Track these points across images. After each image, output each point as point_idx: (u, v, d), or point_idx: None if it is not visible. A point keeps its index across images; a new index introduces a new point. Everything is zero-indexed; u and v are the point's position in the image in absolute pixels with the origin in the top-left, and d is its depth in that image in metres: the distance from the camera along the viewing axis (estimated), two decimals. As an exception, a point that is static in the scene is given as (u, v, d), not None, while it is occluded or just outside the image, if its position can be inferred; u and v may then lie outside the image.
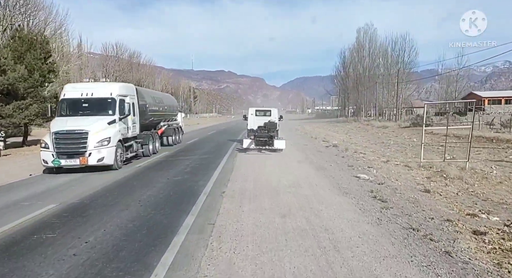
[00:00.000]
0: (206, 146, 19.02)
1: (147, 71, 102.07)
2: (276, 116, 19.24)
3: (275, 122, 18.26)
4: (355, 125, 40.71)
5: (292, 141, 21.44)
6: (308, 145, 19.77)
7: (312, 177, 10.26)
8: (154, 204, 7.07)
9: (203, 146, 19.04)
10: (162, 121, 17.66)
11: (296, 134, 29.19)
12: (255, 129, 17.29)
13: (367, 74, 58.19)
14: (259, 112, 19.87)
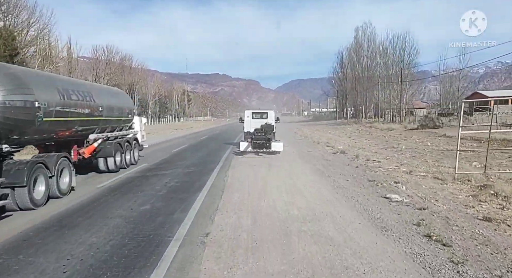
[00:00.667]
0: (195, 156, 16.27)
1: (139, 74, 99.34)
2: (273, 118, 18.38)
3: (272, 124, 17.58)
4: (356, 128, 38.21)
5: (294, 148, 18.82)
6: (313, 152, 17.13)
7: (329, 201, 7.62)
8: (88, 271, 4.20)
9: (191, 156, 16.28)
10: (95, 132, 10.69)
11: (296, 138, 26.58)
12: (252, 131, 16.78)
13: (366, 75, 55.85)
14: (256, 114, 18.95)
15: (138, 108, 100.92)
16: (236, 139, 23.51)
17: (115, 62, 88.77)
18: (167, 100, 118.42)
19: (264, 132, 16.37)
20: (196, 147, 20.54)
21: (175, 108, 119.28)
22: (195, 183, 9.23)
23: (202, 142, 23.72)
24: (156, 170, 11.88)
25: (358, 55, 57.79)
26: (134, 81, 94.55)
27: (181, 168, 12.08)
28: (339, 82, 65.93)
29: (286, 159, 14.17)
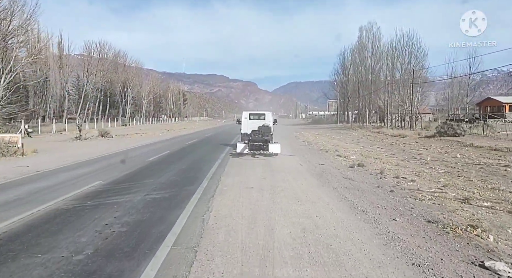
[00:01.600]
0: (173, 169, 12.45)
1: (133, 72, 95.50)
2: (271, 120, 17.92)
3: (270, 126, 17.14)
4: (362, 133, 34.70)
5: (300, 158, 15.17)
6: (325, 164, 13.50)
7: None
8: None
9: (168, 169, 12.47)
10: None
11: (299, 145, 22.98)
12: (249, 133, 16.46)
13: (369, 77, 52.47)
14: (253, 115, 18.30)
15: (132, 107, 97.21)
16: (227, 147, 19.85)
17: (107, 58, 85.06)
18: (162, 100, 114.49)
19: (261, 133, 15.92)
20: (179, 155, 16.76)
21: (170, 107, 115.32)
22: (153, 228, 5.50)
23: (189, 148, 20.05)
24: (106, 194, 8.01)
25: (361, 56, 54.34)
26: (128, 78, 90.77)
27: (145, 191, 8.28)
28: (341, 84, 62.51)
29: (294, 176, 10.54)
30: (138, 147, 19.97)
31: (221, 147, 19.59)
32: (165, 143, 22.51)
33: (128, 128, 54.66)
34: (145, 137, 32.51)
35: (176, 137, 30.69)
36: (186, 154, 17.12)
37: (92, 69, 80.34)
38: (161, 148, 19.35)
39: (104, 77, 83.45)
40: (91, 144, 23.02)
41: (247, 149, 15.34)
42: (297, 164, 13.06)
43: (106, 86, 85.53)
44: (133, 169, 11.73)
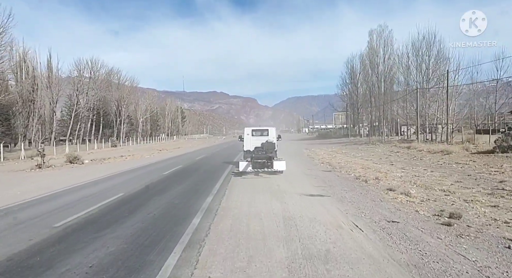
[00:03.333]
0: (137, 216, 6.29)
1: (128, 90, 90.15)
2: (274, 136, 16.63)
3: (273, 142, 15.71)
4: (388, 149, 28.47)
5: (340, 201, 8.75)
6: (399, 220, 7.23)
7: None
8: None
9: (133, 216, 6.37)
10: None
11: (318, 169, 16.79)
12: (252, 150, 15.32)
13: (382, 85, 46.64)
14: (256, 132, 17.08)
15: (127, 126, 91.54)
16: (227, 169, 13.71)
17: (98, 77, 79.83)
18: (160, 118, 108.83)
19: (265, 150, 14.93)
20: (157, 188, 10.62)
21: (168, 125, 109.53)
22: None
23: (173, 178, 13.85)
24: None
25: (372, 62, 48.65)
26: (122, 97, 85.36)
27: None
28: (349, 94, 56.62)
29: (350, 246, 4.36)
30: (101, 180, 13.84)
31: (217, 173, 13.55)
32: (136, 174, 16.34)
33: (117, 149, 48.58)
34: (128, 161, 26.47)
35: (163, 160, 24.61)
36: (169, 186, 10.91)
37: (83, 88, 75.11)
38: (132, 181, 13.18)
39: (97, 95, 78.17)
40: (43, 176, 16.95)
41: (250, 167, 14.21)
42: (352, 229, 6.77)
43: (99, 105, 79.96)
44: (76, 221, 5.53)
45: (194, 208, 7.90)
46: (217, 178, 13.51)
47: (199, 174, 14.92)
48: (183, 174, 15.27)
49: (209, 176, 14.31)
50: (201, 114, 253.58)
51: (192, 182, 12.50)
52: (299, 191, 10.21)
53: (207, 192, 10.17)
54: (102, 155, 35.72)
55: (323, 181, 12.43)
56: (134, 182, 12.68)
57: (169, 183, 12.31)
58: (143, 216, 7.45)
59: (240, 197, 9.37)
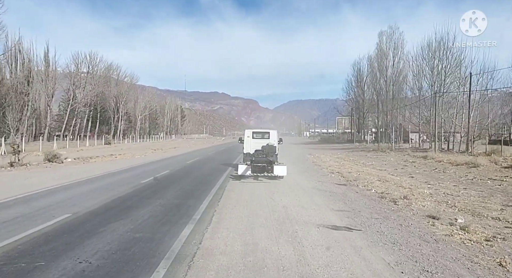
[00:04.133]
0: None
1: (127, 86, 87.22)
2: (276, 139, 15.68)
3: (274, 145, 15.02)
4: (401, 158, 25.59)
5: (377, 243, 5.88)
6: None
7: None
8: None
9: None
10: None
11: (329, 181, 13.92)
12: (252, 153, 14.59)
13: (391, 89, 43.84)
14: (257, 134, 15.96)
15: (126, 124, 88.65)
16: (210, 194, 10.81)
17: (97, 72, 76.98)
18: (159, 116, 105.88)
19: (265, 153, 14.03)
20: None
21: (167, 124, 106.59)
22: None
23: (130, 201, 11.01)
24: None
25: (381, 65, 45.85)
26: (120, 93, 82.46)
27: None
28: (355, 98, 53.82)
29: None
30: (60, 188, 10.94)
31: (202, 191, 10.63)
32: (119, 177, 13.50)
33: (109, 147, 45.71)
34: (114, 161, 23.70)
35: (151, 162, 21.78)
36: (149, 195, 8.04)
37: (80, 82, 72.28)
38: (96, 192, 10.27)
39: (94, 91, 75.33)
40: (10, 176, 14.11)
41: (250, 171, 13.44)
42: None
43: (97, 101, 77.00)
44: None
45: (157, 255, 5.00)
46: (206, 192, 10.63)
47: (184, 186, 12.03)
48: (166, 184, 12.39)
49: (197, 188, 11.44)
50: (201, 114, 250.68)
51: (171, 198, 9.61)
52: (315, 218, 7.34)
53: (187, 217, 7.27)
54: (91, 153, 32.90)
55: (343, 201, 9.56)
56: (97, 195, 9.78)
57: (140, 199, 9.39)
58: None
59: (233, 228, 6.49)
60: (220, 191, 10.80)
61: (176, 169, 17.22)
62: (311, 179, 14.19)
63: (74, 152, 34.78)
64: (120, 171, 16.39)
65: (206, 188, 11.24)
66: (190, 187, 11.55)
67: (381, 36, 46.09)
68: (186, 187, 11.53)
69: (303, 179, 14.00)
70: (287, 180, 13.43)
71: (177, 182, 12.79)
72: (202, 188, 11.24)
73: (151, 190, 10.80)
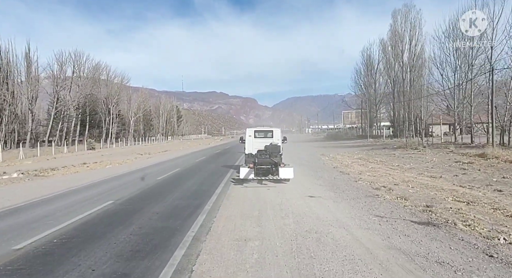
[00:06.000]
0: None
1: (117, 87, 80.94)
2: (279, 138, 14.01)
3: (278, 145, 13.55)
4: (444, 157, 19.50)
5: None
6: None
7: None
8: None
9: None
10: None
11: (367, 199, 7.96)
12: (255, 154, 13.11)
13: (408, 76, 37.77)
14: (259, 133, 14.29)
15: (119, 126, 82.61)
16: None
17: (83, 72, 70.82)
18: (154, 117, 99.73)
19: (269, 154, 12.55)
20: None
21: (162, 125, 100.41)
22: None
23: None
24: None
25: (396, 49, 39.70)
26: (110, 94, 76.27)
27: None
28: (365, 89, 47.70)
29: None
30: None
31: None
32: (40, 212, 7.55)
33: (91, 154, 39.69)
34: (76, 175, 17.89)
35: (124, 174, 15.81)
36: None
37: (65, 83, 66.09)
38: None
39: (82, 92, 69.19)
40: None
41: (253, 174, 11.81)
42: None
43: (86, 103, 70.82)
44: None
45: None
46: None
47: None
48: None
49: (161, 231, 5.42)
50: (199, 114, 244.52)
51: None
52: None
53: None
54: (63, 161, 27.01)
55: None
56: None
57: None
58: None
59: None
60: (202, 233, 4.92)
61: (147, 187, 11.24)
62: (356, 210, 8.12)
63: (43, 162, 28.85)
64: (49, 199, 10.33)
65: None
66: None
67: (395, 16, 39.86)
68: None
69: (344, 212, 7.94)
70: (315, 218, 7.42)
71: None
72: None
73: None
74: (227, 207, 8.32)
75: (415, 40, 37.78)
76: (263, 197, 9.63)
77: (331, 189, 10.86)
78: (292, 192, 10.29)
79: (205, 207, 8.31)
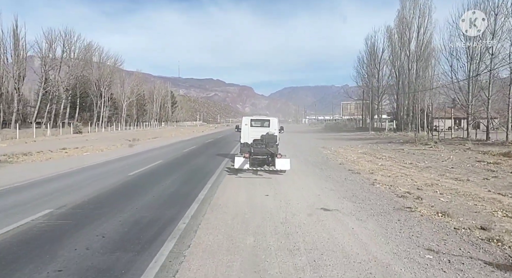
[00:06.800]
0: None
1: (110, 69, 77.36)
2: (276, 128, 13.43)
3: (275, 134, 12.93)
4: (463, 155, 17.21)
5: None
6: None
7: None
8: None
9: None
10: None
11: (402, 216, 5.50)
12: (250, 143, 12.60)
13: (414, 66, 35.25)
14: (256, 122, 13.62)
15: (111, 110, 79.42)
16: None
17: (74, 51, 67.17)
18: (148, 102, 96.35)
19: (265, 144, 12.12)
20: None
21: (156, 111, 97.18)
22: None
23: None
24: None
25: (403, 38, 36.99)
26: (102, 76, 72.80)
27: None
28: (368, 79, 45.10)
29: None
30: None
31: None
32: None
33: (76, 137, 37.01)
34: (46, 162, 15.39)
35: (97, 165, 13.28)
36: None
37: (55, 63, 62.45)
38: None
39: (72, 73, 65.75)
40: None
41: (248, 164, 11.27)
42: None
43: (76, 84, 67.44)
44: None
45: None
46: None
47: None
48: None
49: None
50: (195, 101, 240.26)
51: None
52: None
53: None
54: (40, 146, 24.45)
55: None
56: None
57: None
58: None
59: None
60: None
61: (87, 198, 8.71)
62: (394, 236, 5.69)
63: (20, 145, 26.18)
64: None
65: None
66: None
67: (403, 1, 36.96)
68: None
69: (379, 241, 5.49)
70: (340, 254, 4.98)
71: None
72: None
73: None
74: (209, 225, 5.85)
75: (423, 27, 35.17)
76: (261, 208, 7.15)
77: (347, 197, 8.44)
78: (298, 201, 7.83)
79: (178, 224, 5.83)
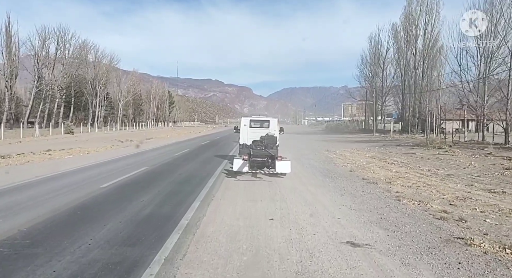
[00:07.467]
0: None
1: (105, 68, 75.26)
2: (276, 129, 13.06)
3: (275, 135, 12.51)
4: (486, 161, 15.37)
5: None
6: None
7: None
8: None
9: None
10: None
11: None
12: (249, 144, 12.18)
13: (421, 65, 33.47)
14: (255, 123, 13.30)
15: (107, 110, 77.34)
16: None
17: (68, 49, 65.09)
18: (144, 102, 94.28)
19: (264, 145, 11.65)
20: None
21: (153, 111, 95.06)
22: None
23: None
24: None
25: (409, 36, 35.19)
26: (97, 74, 70.73)
27: None
28: (371, 78, 43.26)
29: None
30: None
31: None
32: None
33: (66, 138, 35.06)
34: (35, 164, 13.55)
35: (84, 168, 11.37)
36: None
37: (48, 61, 60.35)
38: None
39: (67, 72, 63.75)
40: None
41: (247, 166, 10.85)
42: None
43: (71, 83, 65.41)
44: None
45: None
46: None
47: None
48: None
49: None
50: (194, 101, 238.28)
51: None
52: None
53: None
54: (24, 147, 22.59)
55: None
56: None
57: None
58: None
59: None
60: None
61: (35, 221, 6.77)
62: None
63: (3, 146, 24.21)
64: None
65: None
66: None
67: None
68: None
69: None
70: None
71: None
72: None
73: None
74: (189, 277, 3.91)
75: (431, 25, 33.40)
76: (264, 243, 5.18)
77: (374, 221, 6.50)
78: (313, 229, 5.87)
79: (142, 276, 3.88)
